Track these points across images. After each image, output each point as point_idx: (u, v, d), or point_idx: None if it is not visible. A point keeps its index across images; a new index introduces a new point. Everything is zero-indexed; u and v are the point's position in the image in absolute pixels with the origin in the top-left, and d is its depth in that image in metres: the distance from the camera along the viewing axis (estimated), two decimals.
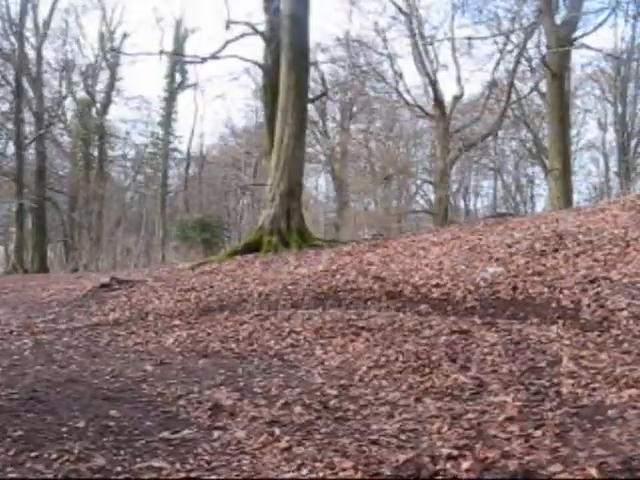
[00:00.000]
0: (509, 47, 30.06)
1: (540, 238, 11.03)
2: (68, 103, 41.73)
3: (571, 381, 5.44)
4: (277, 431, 4.62)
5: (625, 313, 7.47)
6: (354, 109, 42.39)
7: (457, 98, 32.46)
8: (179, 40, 42.26)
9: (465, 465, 3.83)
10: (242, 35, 21.03)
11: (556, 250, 10.32)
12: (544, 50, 27.22)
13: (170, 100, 44.06)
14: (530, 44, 29.34)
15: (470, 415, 4.80)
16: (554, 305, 8.30)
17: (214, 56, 21.47)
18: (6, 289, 16.55)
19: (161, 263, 30.16)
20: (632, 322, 7.17)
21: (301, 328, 8.31)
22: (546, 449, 4.02)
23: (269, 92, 19.82)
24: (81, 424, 4.79)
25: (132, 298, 11.98)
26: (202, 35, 69.51)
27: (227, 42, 20.90)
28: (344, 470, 3.84)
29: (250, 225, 35.98)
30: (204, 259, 18.76)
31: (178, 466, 4.02)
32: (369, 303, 9.68)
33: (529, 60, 31.07)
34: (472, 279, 9.79)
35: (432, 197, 38.76)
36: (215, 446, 4.41)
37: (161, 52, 26.86)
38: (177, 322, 9.60)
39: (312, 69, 24.63)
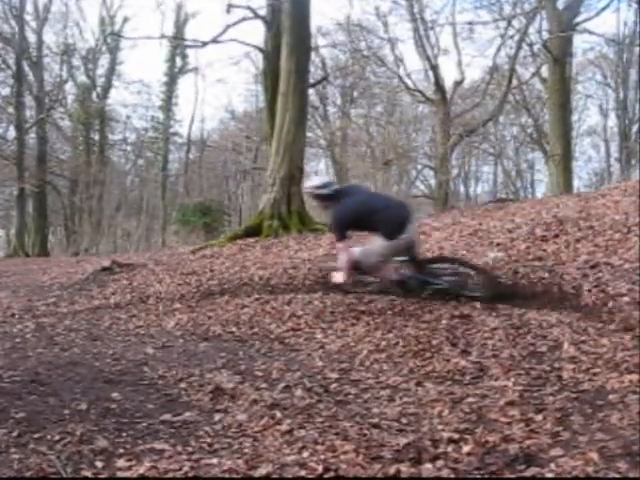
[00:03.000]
0: (510, 32, 29.84)
1: (541, 223, 11.02)
2: (69, 87, 41.69)
3: (572, 366, 5.45)
4: (278, 414, 4.63)
5: (626, 299, 7.47)
6: (355, 94, 42.16)
7: (458, 83, 32.34)
8: (179, 24, 42.09)
9: (466, 449, 3.85)
10: (243, 19, 20.92)
11: (557, 235, 10.31)
12: (546, 35, 27.10)
13: (171, 84, 43.92)
14: (532, 29, 29.13)
15: (471, 399, 4.82)
16: (555, 290, 8.30)
17: (215, 40, 21.38)
18: (7, 272, 16.57)
19: (162, 247, 30.19)
20: (633, 307, 7.18)
21: (302, 312, 8.32)
22: (547, 433, 4.04)
23: (270, 77, 19.73)
24: (83, 406, 4.81)
25: (133, 282, 11.98)
26: (203, 19, 69.26)
27: (228, 26, 20.82)
28: (345, 453, 3.85)
29: (251, 209, 35.97)
30: (205, 243, 18.76)
31: (180, 448, 4.03)
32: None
33: (530, 45, 30.88)
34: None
35: (432, 182, 38.71)
36: (216, 429, 4.42)
37: (161, 36, 26.88)
38: (178, 305, 9.61)
39: (313, 54, 24.55)
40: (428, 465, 3.68)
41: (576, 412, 4.40)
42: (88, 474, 3.67)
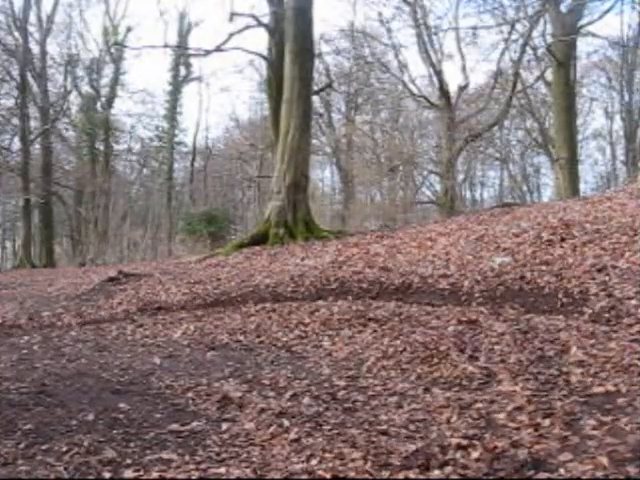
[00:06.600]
0: (514, 36, 29.79)
1: (547, 227, 11.00)
2: (73, 98, 41.81)
3: (580, 370, 5.42)
4: (286, 422, 4.62)
5: (634, 302, 7.44)
6: (359, 100, 42.19)
7: (462, 88, 32.32)
8: (183, 33, 42.16)
9: (475, 454, 3.83)
10: (246, 27, 20.99)
11: (563, 239, 10.29)
12: (550, 39, 27.11)
13: (175, 93, 44.00)
14: (535, 33, 29.11)
15: (479, 405, 4.79)
16: (562, 294, 8.28)
17: (218, 49, 21.45)
18: (14, 284, 16.61)
19: (168, 256, 30.20)
20: None
21: (308, 320, 8.31)
22: (556, 438, 4.01)
23: (274, 84, 19.78)
24: (90, 417, 4.80)
25: (140, 291, 11.99)
26: (206, 28, 69.40)
27: (231, 34, 20.87)
28: (353, 461, 3.84)
29: (256, 218, 35.98)
30: (211, 252, 18.78)
31: (187, 458, 4.02)
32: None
33: (534, 49, 30.83)
34: (479, 269, 9.77)
35: (438, 188, 38.61)
36: (224, 438, 4.41)
37: (165, 45, 26.93)
38: (184, 315, 9.60)
39: (316, 60, 24.58)
40: (437, 471, 3.66)
41: (585, 416, 4.37)
42: None
